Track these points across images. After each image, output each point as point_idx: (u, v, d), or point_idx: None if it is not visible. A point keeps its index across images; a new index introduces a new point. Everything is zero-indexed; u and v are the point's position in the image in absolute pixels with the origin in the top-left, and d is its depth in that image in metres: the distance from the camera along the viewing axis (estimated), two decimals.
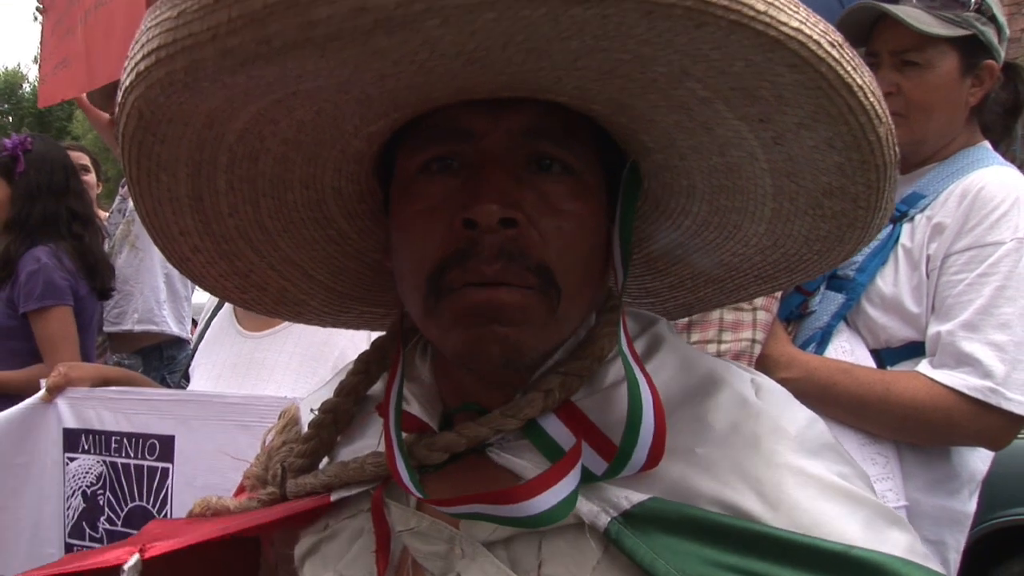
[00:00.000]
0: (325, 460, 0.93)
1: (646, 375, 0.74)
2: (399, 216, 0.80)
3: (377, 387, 0.95)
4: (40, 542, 2.04)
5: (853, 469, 0.77)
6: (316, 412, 0.93)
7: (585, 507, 0.73)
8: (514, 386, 0.80)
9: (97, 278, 3.05)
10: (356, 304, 1.00)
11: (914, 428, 1.64)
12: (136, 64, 0.63)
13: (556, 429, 0.78)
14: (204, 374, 1.97)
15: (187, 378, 2.13)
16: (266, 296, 0.94)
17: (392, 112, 0.74)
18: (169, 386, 3.53)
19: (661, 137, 0.75)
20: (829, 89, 0.63)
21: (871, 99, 0.65)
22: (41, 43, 3.95)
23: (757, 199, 0.79)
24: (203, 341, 2.06)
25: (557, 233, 0.74)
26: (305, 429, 0.95)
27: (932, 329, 1.67)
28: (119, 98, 0.69)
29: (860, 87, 0.64)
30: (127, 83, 0.65)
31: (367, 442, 0.90)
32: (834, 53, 0.61)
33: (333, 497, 0.86)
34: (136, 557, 0.88)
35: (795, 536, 0.69)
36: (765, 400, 0.79)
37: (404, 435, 0.80)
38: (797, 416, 0.79)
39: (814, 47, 0.59)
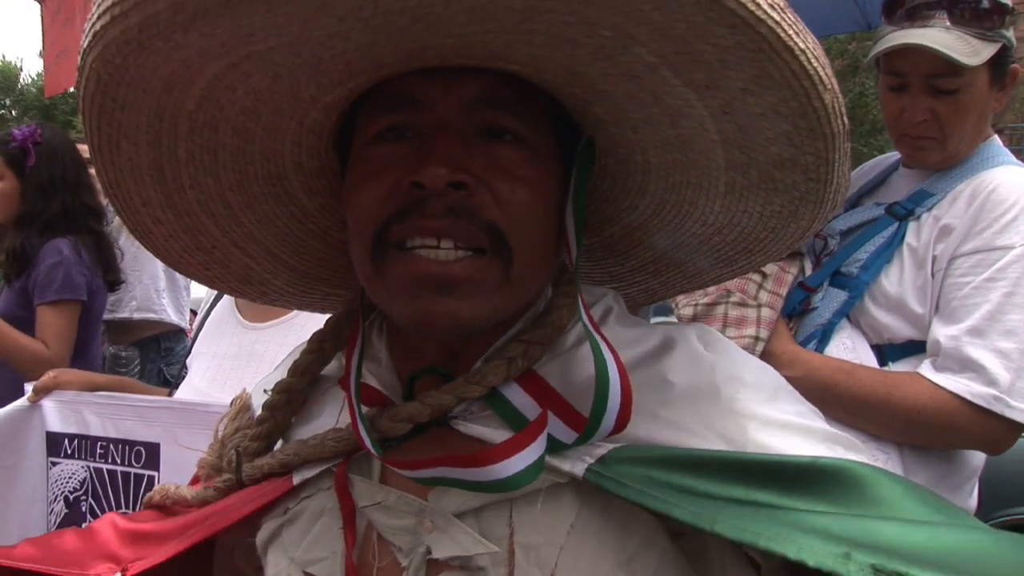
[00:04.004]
0: (280, 443, 0.93)
1: (606, 340, 0.75)
2: (350, 182, 0.80)
3: (332, 367, 0.94)
4: None
5: (807, 407, 0.81)
6: (269, 393, 0.93)
7: (557, 461, 0.74)
8: (475, 353, 0.80)
9: (111, 272, 3.01)
10: (320, 285, 1.00)
11: (915, 431, 1.62)
12: (93, 24, 0.64)
13: (520, 399, 0.78)
14: (203, 364, 1.95)
15: (186, 368, 2.10)
16: (229, 274, 0.95)
17: (347, 81, 0.74)
18: (167, 378, 3.49)
19: (613, 108, 0.76)
20: (771, 52, 0.62)
21: (814, 64, 0.64)
22: (42, 32, 3.91)
23: (711, 174, 0.79)
24: (203, 331, 2.03)
25: (510, 196, 0.75)
26: (259, 413, 0.94)
27: (935, 331, 1.63)
28: (79, 62, 0.69)
29: (803, 51, 0.63)
30: (85, 44, 0.66)
31: (324, 421, 0.89)
32: (774, 15, 0.60)
33: (296, 480, 0.86)
34: None
35: (767, 457, 0.72)
36: (716, 352, 0.82)
37: (366, 409, 0.81)
38: (750, 364, 0.82)
39: (752, 7, 0.59)
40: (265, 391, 0.94)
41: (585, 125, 0.82)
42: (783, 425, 0.76)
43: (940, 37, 1.60)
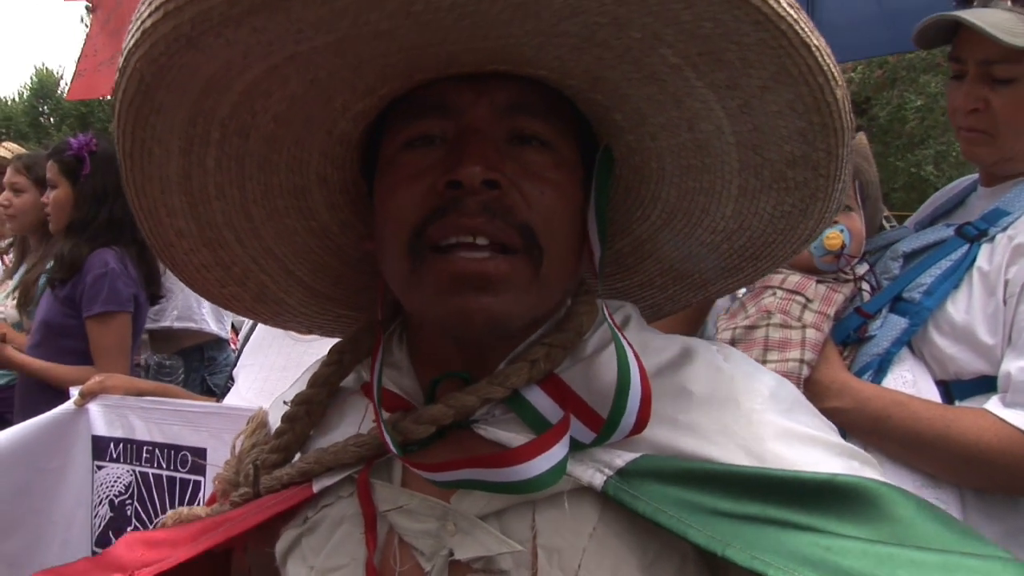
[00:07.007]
0: (298, 456, 0.92)
1: (628, 342, 0.76)
2: (382, 188, 0.82)
3: (350, 379, 0.95)
4: (70, 548, 2.03)
5: (823, 421, 0.83)
6: (289, 405, 0.93)
7: (578, 470, 0.75)
8: (496, 359, 0.81)
9: (152, 285, 3.04)
10: (333, 306, 1.01)
11: (977, 471, 1.48)
12: (143, 22, 0.63)
13: (541, 401, 0.79)
14: (251, 375, 1.95)
15: (232, 379, 2.10)
16: (245, 292, 0.95)
17: (380, 87, 0.76)
18: (211, 388, 3.50)
19: (633, 113, 0.79)
20: (790, 48, 0.67)
21: (827, 60, 0.69)
22: (87, 38, 3.96)
23: (724, 176, 0.82)
24: (249, 343, 2.04)
25: (539, 197, 0.77)
26: (277, 425, 0.95)
27: (1006, 363, 1.50)
28: (120, 63, 0.68)
29: (817, 48, 0.67)
30: (131, 44, 0.65)
31: (344, 430, 0.90)
32: (792, 12, 0.65)
33: (316, 488, 0.86)
34: None
35: (785, 473, 0.73)
36: (735, 365, 0.83)
37: (388, 414, 0.82)
38: (766, 378, 0.83)
39: (774, 4, 0.64)
40: (284, 402, 0.94)
41: (603, 134, 0.85)
42: (800, 437, 0.77)
43: (992, 16, 1.52)
